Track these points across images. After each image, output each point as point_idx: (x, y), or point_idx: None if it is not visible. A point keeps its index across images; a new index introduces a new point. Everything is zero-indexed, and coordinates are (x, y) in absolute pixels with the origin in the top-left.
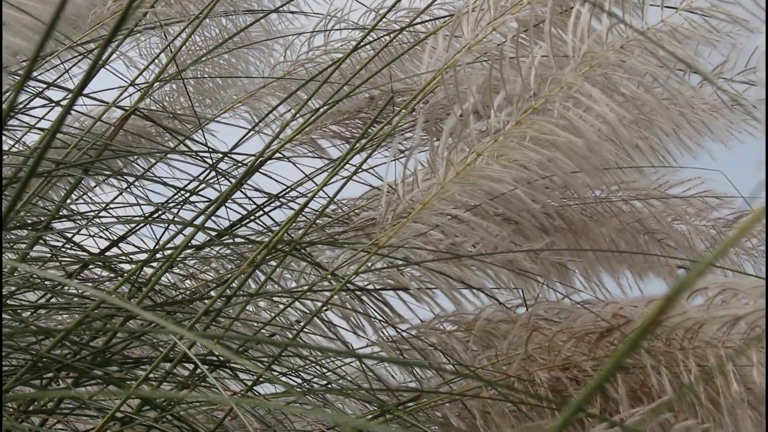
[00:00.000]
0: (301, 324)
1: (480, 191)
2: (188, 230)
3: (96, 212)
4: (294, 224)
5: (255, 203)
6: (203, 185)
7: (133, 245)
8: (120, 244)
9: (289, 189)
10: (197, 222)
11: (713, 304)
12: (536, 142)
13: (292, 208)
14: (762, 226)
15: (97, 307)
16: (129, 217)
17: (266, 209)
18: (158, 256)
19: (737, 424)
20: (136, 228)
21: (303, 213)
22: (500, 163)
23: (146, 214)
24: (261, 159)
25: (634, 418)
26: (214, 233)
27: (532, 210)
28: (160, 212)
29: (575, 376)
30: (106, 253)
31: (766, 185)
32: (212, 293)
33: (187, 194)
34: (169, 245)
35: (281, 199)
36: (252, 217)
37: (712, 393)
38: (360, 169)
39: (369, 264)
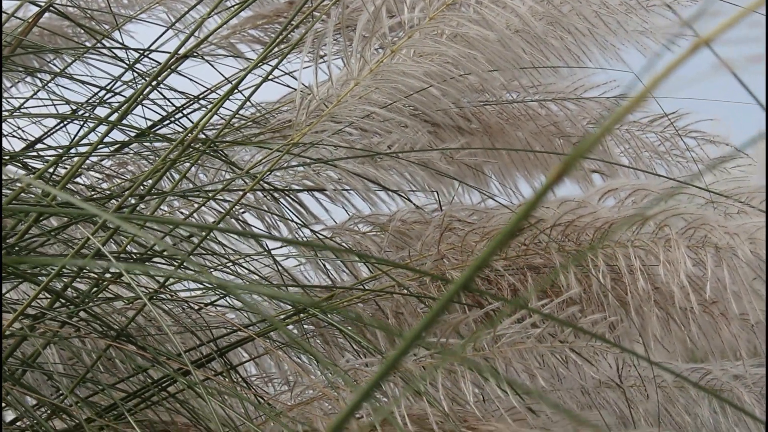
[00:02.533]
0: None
1: (394, 89)
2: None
3: (10, 111)
4: (211, 125)
5: (174, 105)
6: (122, 85)
7: (48, 145)
8: (36, 146)
9: (209, 91)
10: (113, 120)
11: (624, 205)
12: (452, 40)
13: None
14: (666, 121)
15: (13, 201)
16: (45, 116)
17: (186, 111)
18: (73, 152)
19: (644, 323)
20: (56, 127)
21: (220, 114)
22: (413, 60)
23: (62, 114)
24: (177, 56)
25: (542, 312)
26: (133, 134)
27: (447, 110)
28: (79, 111)
29: (487, 275)
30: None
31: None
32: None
33: (106, 93)
34: (84, 142)
35: (201, 102)
36: (171, 119)
37: (620, 292)
38: (276, 69)
39: (284, 163)
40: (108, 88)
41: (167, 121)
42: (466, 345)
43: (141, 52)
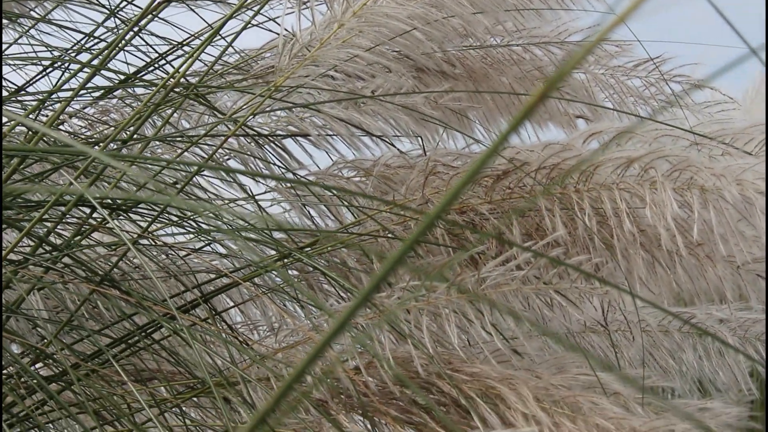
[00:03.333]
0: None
1: (378, 32)
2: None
3: None
4: (195, 73)
5: (157, 52)
6: (105, 32)
7: (27, 92)
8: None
9: (192, 37)
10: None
11: (608, 148)
12: None
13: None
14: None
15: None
16: (25, 59)
17: (169, 58)
18: (55, 98)
19: (630, 266)
20: (39, 75)
21: (203, 61)
22: (397, 2)
23: (43, 57)
24: (158, 1)
25: (526, 254)
26: (116, 80)
27: (431, 54)
28: (63, 56)
29: (471, 219)
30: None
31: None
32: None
33: (88, 40)
34: (65, 87)
35: (184, 48)
36: (155, 65)
37: (606, 235)
38: (258, 15)
39: (267, 107)
40: (90, 33)
41: (151, 68)
42: (450, 287)
43: None
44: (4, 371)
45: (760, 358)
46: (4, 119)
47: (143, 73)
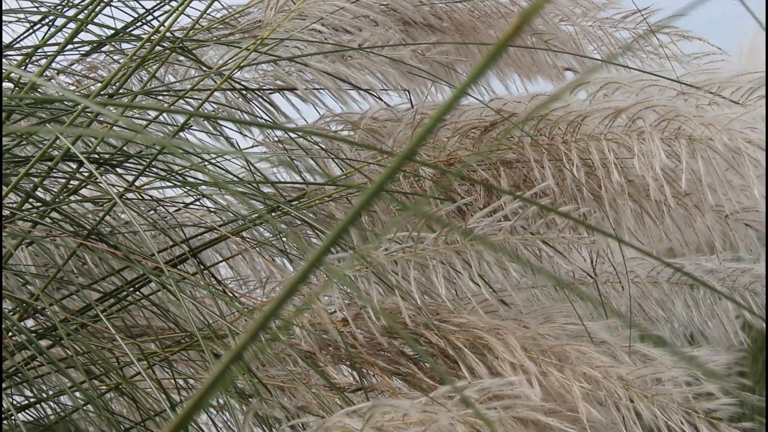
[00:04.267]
0: (186, 121)
1: None
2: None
3: None
4: (183, 29)
5: (144, 6)
6: None
7: (15, 50)
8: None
9: None
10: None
11: (596, 99)
12: None
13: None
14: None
15: None
16: (14, 15)
17: (156, 14)
18: (40, 52)
19: (618, 216)
20: (26, 33)
21: (189, 15)
22: None
23: (29, 9)
24: None
25: (513, 204)
26: (104, 36)
27: (418, 7)
28: (50, 11)
29: (459, 171)
30: None
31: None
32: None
33: None
34: (52, 42)
35: (171, 4)
36: (142, 21)
37: (594, 186)
38: None
39: (253, 60)
40: None
41: (138, 23)
42: (438, 238)
43: None
44: None
45: (750, 307)
46: None
47: (131, 28)
